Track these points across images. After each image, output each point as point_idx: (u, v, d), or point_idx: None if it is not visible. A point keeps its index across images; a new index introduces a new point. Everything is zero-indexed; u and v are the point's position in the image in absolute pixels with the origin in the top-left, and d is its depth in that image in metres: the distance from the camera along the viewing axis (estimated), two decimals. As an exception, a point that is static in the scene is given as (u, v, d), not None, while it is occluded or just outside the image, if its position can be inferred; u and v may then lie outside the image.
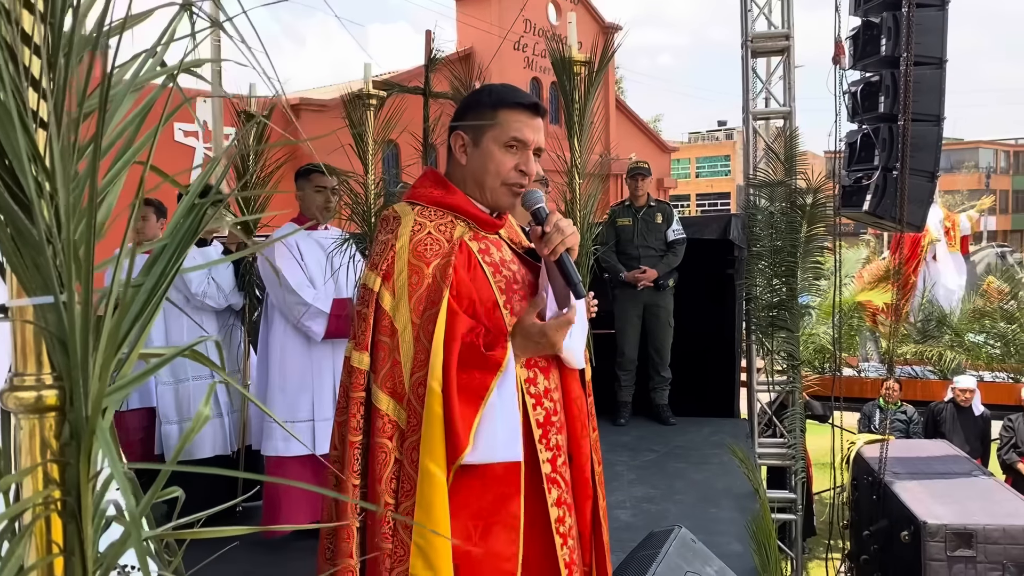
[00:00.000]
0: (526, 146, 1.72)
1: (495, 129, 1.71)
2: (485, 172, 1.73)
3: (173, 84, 0.63)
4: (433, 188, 1.77)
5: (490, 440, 1.60)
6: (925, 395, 8.17)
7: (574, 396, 1.80)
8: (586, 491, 1.79)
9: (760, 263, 6.07)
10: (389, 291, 1.65)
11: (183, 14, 0.62)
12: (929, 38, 5.47)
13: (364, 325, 1.66)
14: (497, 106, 1.72)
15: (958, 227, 10.49)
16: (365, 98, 3.14)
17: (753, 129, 6.50)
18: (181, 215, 0.64)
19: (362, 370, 1.66)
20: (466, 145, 1.74)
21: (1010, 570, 4.96)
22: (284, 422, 3.54)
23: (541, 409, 1.70)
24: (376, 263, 1.69)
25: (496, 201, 1.75)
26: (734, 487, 4.53)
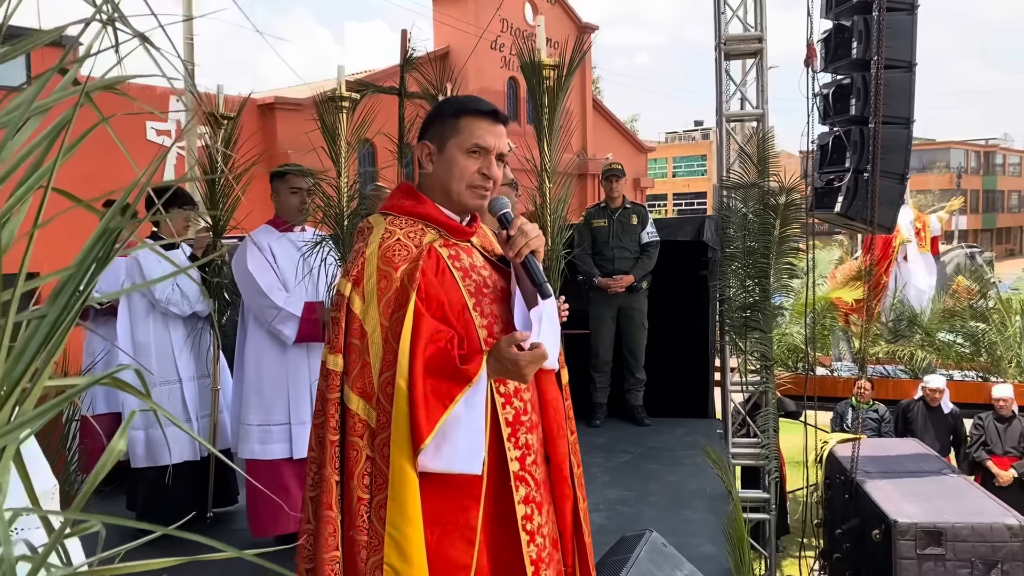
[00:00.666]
0: (488, 151, 1.78)
1: (457, 136, 1.78)
2: (450, 177, 1.78)
3: (90, 103, 0.61)
4: (404, 199, 1.84)
5: (451, 450, 1.63)
6: (897, 394, 8.25)
7: (549, 398, 1.85)
8: (565, 491, 1.82)
9: (733, 264, 6.11)
10: (359, 295, 1.71)
11: (86, 26, 0.60)
12: (899, 42, 5.53)
13: (337, 329, 1.73)
14: (459, 114, 1.79)
15: (929, 228, 10.63)
16: (338, 100, 3.10)
17: (727, 131, 6.53)
18: (92, 242, 0.61)
19: (337, 372, 1.72)
20: (432, 154, 1.81)
21: (978, 567, 5.03)
22: (260, 425, 3.51)
23: (511, 408, 1.74)
24: (348, 270, 1.76)
25: (462, 203, 1.80)
26: (707, 488, 4.55)
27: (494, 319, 1.76)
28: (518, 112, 21.59)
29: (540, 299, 1.71)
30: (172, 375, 3.81)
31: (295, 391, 3.49)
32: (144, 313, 3.77)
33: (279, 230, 3.58)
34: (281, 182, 3.56)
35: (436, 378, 1.62)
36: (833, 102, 6.00)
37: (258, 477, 3.44)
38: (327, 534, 1.69)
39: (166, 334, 3.80)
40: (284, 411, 3.49)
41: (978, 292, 10.34)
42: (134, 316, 3.79)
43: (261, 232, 3.56)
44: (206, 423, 3.96)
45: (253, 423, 3.50)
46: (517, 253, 1.70)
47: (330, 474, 1.70)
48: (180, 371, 3.82)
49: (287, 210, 3.57)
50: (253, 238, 3.50)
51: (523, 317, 1.72)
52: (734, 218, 6.18)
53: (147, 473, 3.81)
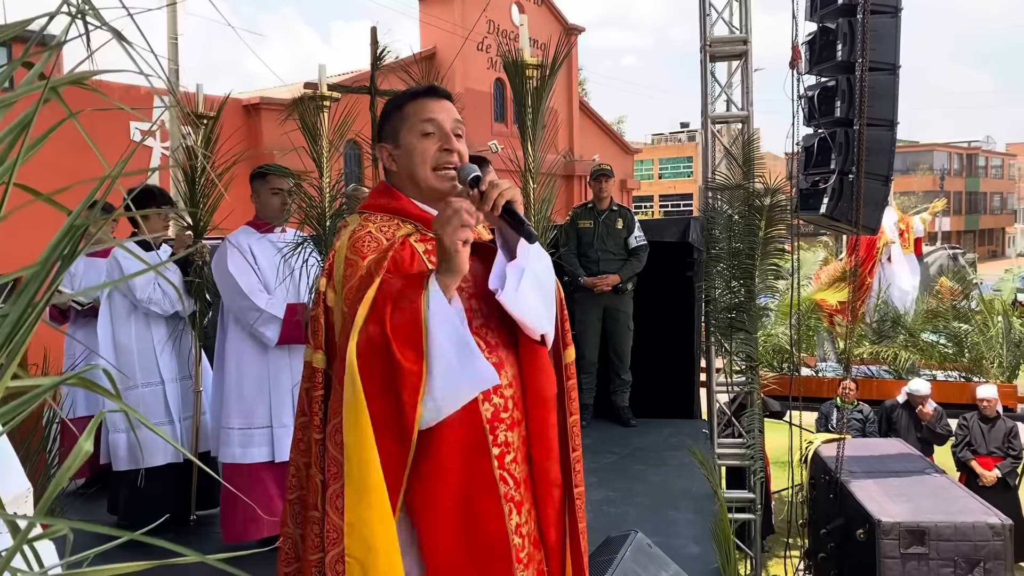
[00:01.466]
0: (441, 127, 1.76)
1: (406, 123, 1.78)
2: (413, 165, 1.77)
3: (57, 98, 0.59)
4: (380, 197, 1.83)
5: (447, 371, 1.51)
6: (881, 394, 8.30)
7: (536, 390, 1.75)
8: (549, 491, 1.76)
9: (719, 265, 6.12)
10: (331, 288, 1.71)
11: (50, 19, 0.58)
12: (883, 44, 5.56)
13: (317, 325, 1.73)
14: (401, 105, 1.80)
15: (912, 229, 10.70)
16: (319, 99, 3.08)
17: (712, 133, 6.55)
18: (57, 238, 0.59)
19: (320, 369, 1.71)
20: (391, 152, 1.81)
21: (961, 566, 5.06)
22: (240, 428, 3.47)
23: (489, 405, 1.68)
24: (324, 267, 1.77)
25: (432, 189, 1.77)
26: (693, 488, 4.56)
27: (471, 315, 1.68)
28: (505, 113, 21.58)
29: (526, 244, 1.64)
30: (154, 376, 3.77)
31: (276, 394, 3.46)
32: (125, 314, 3.73)
33: (259, 231, 3.54)
34: (262, 183, 3.52)
35: (399, 308, 1.53)
36: (818, 104, 6.02)
37: (238, 481, 3.40)
38: (312, 535, 1.65)
39: (148, 335, 3.76)
40: (266, 414, 3.45)
41: (961, 293, 10.42)
42: (115, 317, 3.74)
43: (241, 233, 3.52)
44: (189, 425, 3.93)
45: (234, 426, 3.46)
46: (493, 206, 1.61)
47: (315, 474, 1.66)
48: (162, 372, 3.78)
49: (268, 211, 3.53)
50: (233, 239, 3.46)
51: (500, 272, 1.63)
52: (719, 219, 6.19)
53: (129, 476, 3.77)
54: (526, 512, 1.73)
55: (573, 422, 1.86)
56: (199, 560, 0.52)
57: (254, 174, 3.55)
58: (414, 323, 1.52)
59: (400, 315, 1.53)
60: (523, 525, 1.71)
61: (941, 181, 44.68)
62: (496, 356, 1.70)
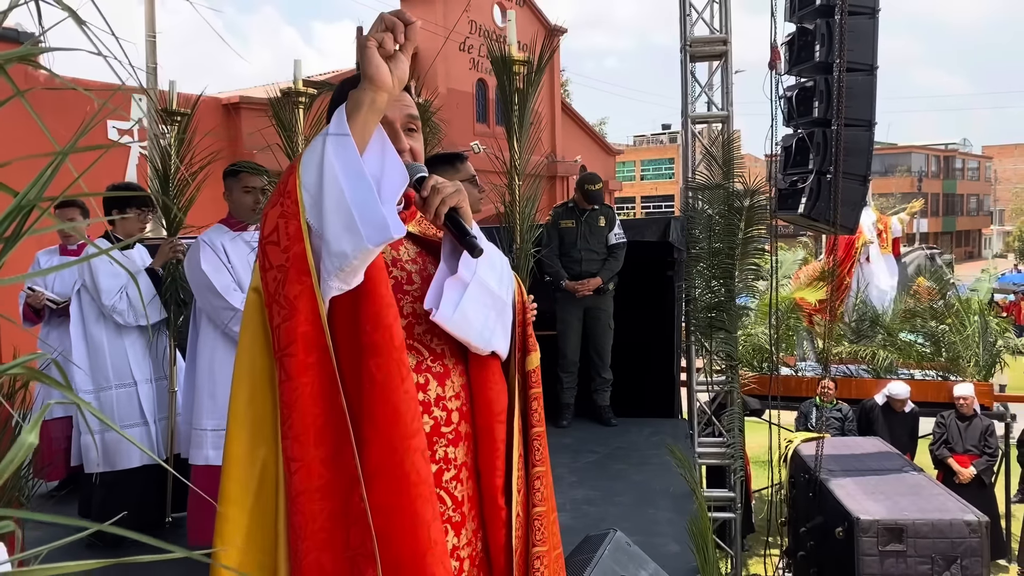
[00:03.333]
0: (391, 124, 1.56)
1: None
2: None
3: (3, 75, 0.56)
4: None
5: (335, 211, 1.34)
6: (859, 393, 8.35)
7: (486, 401, 1.61)
8: (496, 512, 1.61)
9: (699, 265, 6.14)
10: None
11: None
12: (861, 45, 5.61)
13: None
14: (348, 92, 1.59)
15: (890, 229, 10.80)
16: (294, 95, 3.04)
17: (692, 133, 6.57)
18: (2, 218, 0.56)
19: None
20: None
21: (938, 563, 5.10)
22: (214, 430, 3.42)
23: (429, 419, 1.54)
24: None
25: None
26: (673, 487, 4.56)
27: (415, 319, 1.56)
28: (487, 114, 21.56)
29: (469, 257, 1.51)
30: (127, 377, 3.72)
31: None
32: (96, 314, 3.68)
33: (233, 230, 3.49)
34: (234, 180, 3.47)
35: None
36: (797, 104, 6.06)
37: (209, 483, 3.35)
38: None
39: (120, 336, 3.71)
40: None
41: (938, 293, 10.52)
42: (86, 317, 3.69)
43: (213, 231, 3.47)
44: (164, 426, 3.88)
45: (207, 427, 3.40)
46: (436, 215, 1.49)
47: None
48: (135, 373, 3.73)
49: (240, 209, 3.48)
50: (205, 238, 3.42)
51: (438, 288, 1.52)
52: (700, 219, 6.21)
53: (103, 478, 3.71)
54: (468, 533, 1.60)
55: (536, 435, 1.71)
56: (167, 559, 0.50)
57: (227, 172, 3.50)
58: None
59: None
60: (461, 548, 1.58)
61: (919, 183, 45.16)
62: (440, 365, 1.58)
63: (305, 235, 1.36)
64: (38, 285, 4.40)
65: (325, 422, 1.41)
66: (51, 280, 4.49)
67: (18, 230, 0.55)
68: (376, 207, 1.33)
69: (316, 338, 1.39)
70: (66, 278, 4.40)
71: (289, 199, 1.38)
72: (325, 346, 1.39)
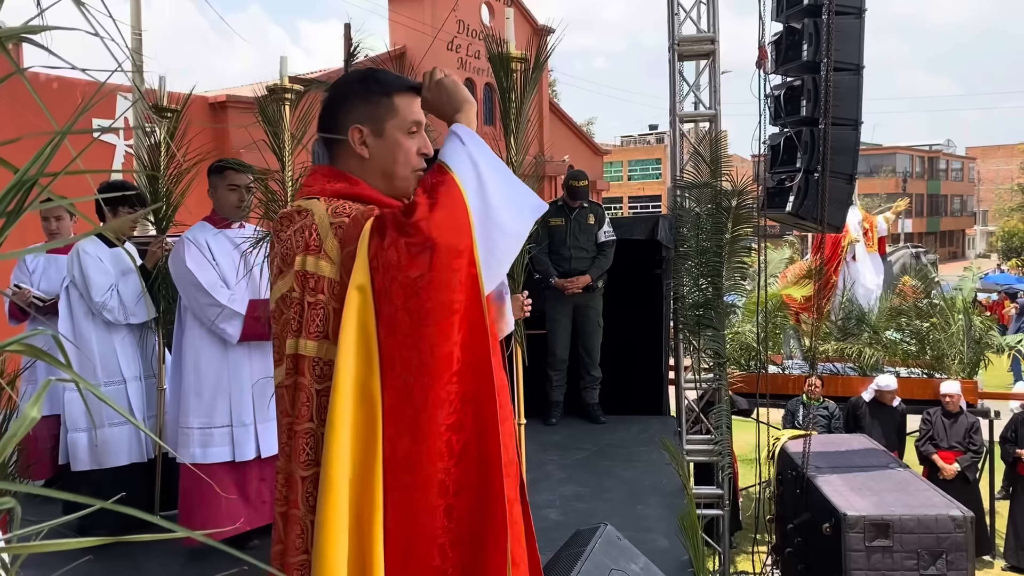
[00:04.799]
0: (421, 126, 1.70)
1: (396, 117, 1.67)
2: (395, 162, 1.67)
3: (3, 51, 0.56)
4: (332, 181, 1.67)
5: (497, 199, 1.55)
6: (846, 391, 8.41)
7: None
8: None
9: (687, 263, 6.16)
10: (324, 258, 1.54)
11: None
12: (847, 45, 5.65)
13: (315, 312, 1.54)
14: (391, 93, 1.68)
15: (876, 228, 10.88)
16: (280, 92, 3.04)
17: (680, 132, 6.59)
18: (3, 193, 0.56)
19: (311, 357, 1.54)
20: (366, 138, 1.67)
21: (924, 558, 5.14)
22: (200, 428, 3.41)
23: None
24: (295, 248, 1.57)
25: (403, 190, 1.70)
26: (662, 484, 4.58)
27: None
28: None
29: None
30: (116, 375, 3.69)
31: (237, 392, 3.40)
32: (85, 311, 3.65)
33: (216, 227, 3.48)
34: (219, 178, 3.45)
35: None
36: (784, 103, 6.10)
37: (197, 481, 3.34)
38: (295, 535, 1.53)
39: (108, 333, 3.68)
40: (226, 413, 3.39)
41: (923, 292, 10.60)
42: (75, 314, 3.66)
43: (197, 229, 3.46)
44: (153, 424, 3.86)
45: (193, 426, 3.38)
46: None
47: (295, 469, 1.54)
48: (124, 371, 3.70)
49: (225, 207, 3.47)
50: (190, 235, 3.40)
51: None
52: (688, 217, 6.24)
53: (91, 476, 3.69)
54: None
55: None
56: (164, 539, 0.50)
57: (211, 169, 3.48)
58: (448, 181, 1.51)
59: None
60: None
61: (903, 183, 45.52)
62: None
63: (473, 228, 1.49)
64: (24, 283, 4.36)
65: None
66: (37, 277, 4.45)
67: (19, 205, 0.55)
68: (529, 190, 1.62)
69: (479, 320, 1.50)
70: (53, 277, 4.36)
71: (452, 198, 1.49)
72: (485, 328, 1.50)
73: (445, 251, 1.44)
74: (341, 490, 1.40)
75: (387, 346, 1.45)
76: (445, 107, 1.66)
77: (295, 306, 1.56)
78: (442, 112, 1.67)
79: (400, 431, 1.43)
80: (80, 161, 0.69)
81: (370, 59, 3.81)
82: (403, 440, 1.44)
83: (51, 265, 4.46)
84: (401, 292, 1.44)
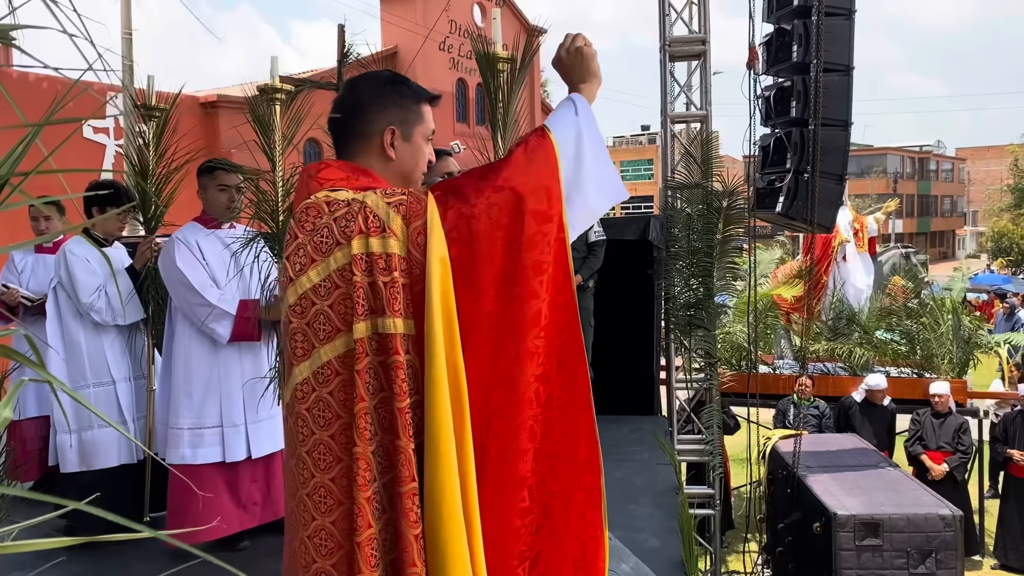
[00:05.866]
0: (433, 136, 1.81)
1: (422, 124, 1.75)
2: (415, 167, 1.75)
3: None
4: (357, 176, 1.68)
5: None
6: (836, 391, 8.44)
7: None
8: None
9: (678, 263, 6.17)
10: (392, 236, 1.54)
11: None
12: (837, 46, 5.67)
13: (395, 291, 1.54)
14: (420, 101, 1.76)
15: (866, 228, 10.93)
16: (270, 91, 3.03)
17: (671, 132, 6.60)
18: None
19: (402, 335, 1.53)
20: (395, 140, 1.72)
21: (913, 557, 5.17)
22: (191, 429, 3.39)
23: None
24: (346, 235, 1.55)
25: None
26: (653, 484, 4.59)
27: None
28: (467, 113, 21.56)
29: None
30: (105, 376, 3.67)
31: (227, 392, 3.38)
32: (73, 312, 3.62)
33: (206, 227, 3.45)
34: (209, 178, 3.43)
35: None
36: (774, 104, 6.12)
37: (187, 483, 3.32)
38: (410, 509, 1.50)
39: (97, 334, 3.65)
40: (216, 413, 3.36)
41: (913, 292, 10.66)
42: (63, 315, 3.64)
43: (187, 229, 3.43)
44: (142, 425, 3.84)
45: (184, 426, 3.36)
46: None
47: (406, 443, 1.50)
48: (113, 372, 3.68)
49: (214, 207, 3.45)
50: (180, 235, 3.38)
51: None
52: (679, 218, 6.25)
53: (80, 478, 3.66)
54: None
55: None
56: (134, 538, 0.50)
57: (201, 169, 3.46)
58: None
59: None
60: None
61: (894, 184, 45.68)
62: None
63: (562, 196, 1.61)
64: (11, 283, 4.34)
65: None
66: (26, 278, 4.42)
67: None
68: (617, 175, 1.72)
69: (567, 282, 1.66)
70: (40, 276, 4.34)
71: (549, 162, 1.61)
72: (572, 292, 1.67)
73: (534, 214, 1.55)
74: (451, 456, 1.47)
75: (474, 309, 1.54)
76: (573, 73, 1.77)
77: (358, 289, 1.54)
78: (569, 77, 1.78)
79: (494, 383, 1.54)
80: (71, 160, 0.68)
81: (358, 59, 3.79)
82: (497, 392, 1.54)
83: (39, 265, 4.43)
84: (498, 252, 1.55)
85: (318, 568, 1.55)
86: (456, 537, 1.45)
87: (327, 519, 1.55)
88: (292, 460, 1.62)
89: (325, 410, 1.57)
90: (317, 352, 1.58)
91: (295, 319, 1.60)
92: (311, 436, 1.57)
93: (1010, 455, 7.51)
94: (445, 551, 1.45)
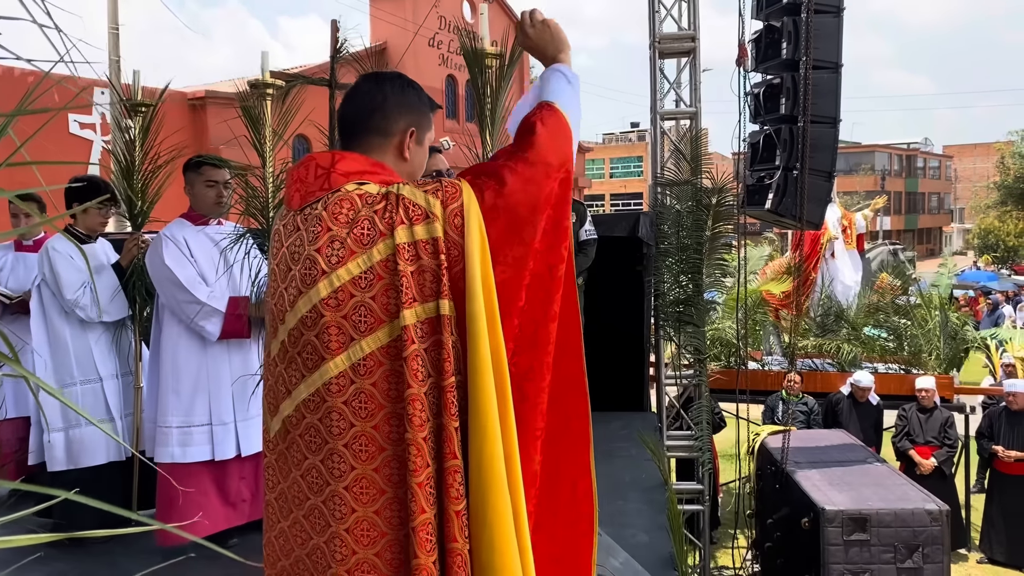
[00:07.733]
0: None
1: (431, 131, 1.82)
2: (419, 170, 1.80)
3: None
4: (378, 171, 1.69)
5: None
6: (825, 387, 8.49)
7: None
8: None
9: (667, 260, 6.19)
10: (437, 222, 1.56)
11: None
12: (826, 43, 5.68)
13: (440, 272, 1.55)
14: (432, 109, 1.83)
15: (854, 225, 11.00)
16: (261, 87, 3.01)
17: (661, 129, 6.61)
18: None
19: (448, 316, 1.53)
20: (411, 141, 1.76)
21: (901, 551, 5.21)
22: (179, 427, 3.37)
23: None
24: (388, 225, 1.56)
25: None
26: (642, 480, 4.60)
27: None
28: (457, 110, 21.53)
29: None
30: (92, 373, 3.64)
31: (216, 390, 3.35)
32: (59, 309, 3.58)
33: (194, 224, 3.42)
34: (196, 174, 3.39)
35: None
36: (764, 101, 6.13)
37: (176, 481, 3.30)
38: (454, 484, 1.54)
39: (83, 331, 3.62)
40: (205, 411, 3.34)
41: (900, 288, 10.73)
42: (48, 312, 3.60)
43: (175, 226, 3.40)
44: (130, 422, 3.81)
45: (172, 424, 3.33)
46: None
47: (448, 422, 1.50)
48: (100, 369, 3.65)
49: (202, 204, 3.40)
50: (167, 232, 3.35)
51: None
52: (668, 215, 6.26)
53: (67, 476, 3.64)
54: None
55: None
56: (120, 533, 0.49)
57: (188, 165, 3.42)
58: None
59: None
60: None
61: (882, 181, 45.94)
62: None
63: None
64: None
65: None
66: (5, 276, 4.37)
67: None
68: None
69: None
70: (21, 274, 4.29)
71: (566, 133, 1.73)
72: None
73: (563, 183, 1.66)
74: (495, 434, 1.52)
75: (514, 285, 1.60)
76: (547, 46, 1.88)
77: (403, 277, 1.53)
78: (543, 51, 1.89)
79: (522, 347, 1.61)
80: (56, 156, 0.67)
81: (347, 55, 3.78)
82: (524, 356, 1.62)
83: (19, 263, 4.38)
84: (537, 226, 1.61)
85: (359, 559, 1.55)
86: (503, 512, 1.51)
87: (370, 509, 1.55)
88: (317, 456, 1.59)
89: (368, 401, 1.56)
90: (357, 344, 1.56)
91: (328, 312, 1.57)
92: (350, 428, 1.56)
93: (995, 451, 7.56)
94: (493, 525, 1.51)
